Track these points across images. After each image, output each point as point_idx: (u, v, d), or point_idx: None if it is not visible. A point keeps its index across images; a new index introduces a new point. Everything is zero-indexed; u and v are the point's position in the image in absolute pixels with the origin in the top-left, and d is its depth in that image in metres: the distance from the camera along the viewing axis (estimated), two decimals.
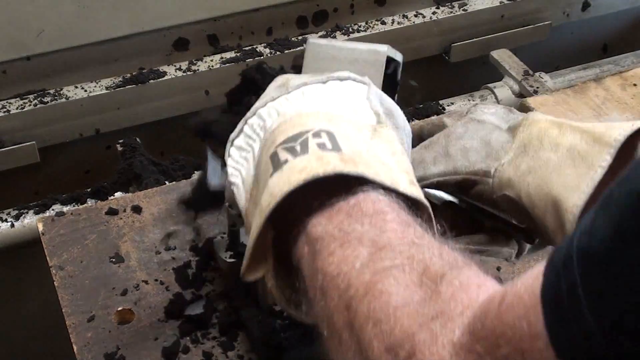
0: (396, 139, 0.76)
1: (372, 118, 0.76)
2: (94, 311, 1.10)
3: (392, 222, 0.66)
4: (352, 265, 0.63)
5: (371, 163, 0.70)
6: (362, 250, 0.64)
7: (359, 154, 0.70)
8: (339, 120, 0.73)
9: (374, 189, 0.69)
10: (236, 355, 1.04)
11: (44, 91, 1.49)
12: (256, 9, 1.62)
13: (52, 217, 1.25)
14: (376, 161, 0.71)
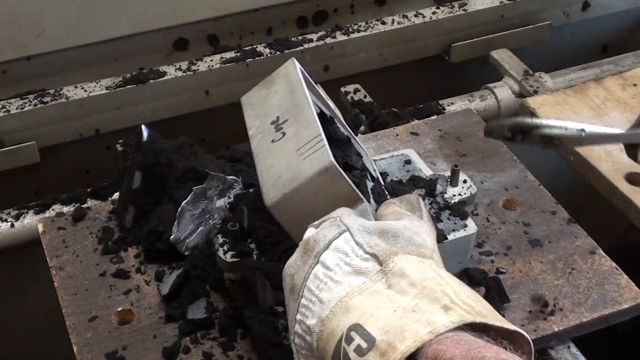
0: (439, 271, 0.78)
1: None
2: (94, 311, 1.10)
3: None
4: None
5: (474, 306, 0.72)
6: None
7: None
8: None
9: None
10: (236, 356, 1.05)
11: (44, 91, 1.49)
12: (256, 9, 1.62)
13: (52, 217, 1.25)
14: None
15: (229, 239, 1.06)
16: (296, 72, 1.03)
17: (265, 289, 1.03)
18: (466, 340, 0.68)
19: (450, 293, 0.72)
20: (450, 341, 0.67)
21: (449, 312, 0.70)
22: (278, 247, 1.03)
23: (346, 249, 0.78)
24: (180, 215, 1.12)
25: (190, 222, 1.13)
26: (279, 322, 0.98)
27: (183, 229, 1.13)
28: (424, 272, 0.75)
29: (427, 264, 0.77)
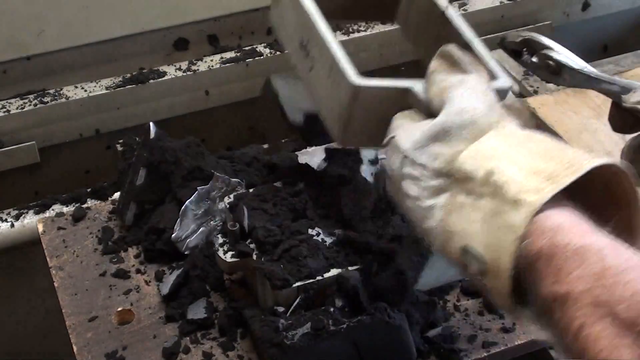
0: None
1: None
2: (94, 311, 1.10)
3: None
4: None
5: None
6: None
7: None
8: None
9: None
10: (236, 356, 1.05)
11: (44, 91, 1.49)
12: (256, 9, 1.62)
13: (52, 217, 1.25)
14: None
15: (229, 239, 1.06)
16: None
17: (265, 289, 1.03)
18: (545, 221, 0.66)
19: (515, 177, 0.69)
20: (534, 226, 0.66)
21: (519, 206, 0.67)
22: (278, 247, 1.03)
23: (416, 174, 0.76)
24: (183, 214, 1.12)
25: (193, 221, 1.13)
26: (280, 322, 0.98)
27: (185, 228, 1.13)
28: (487, 163, 0.71)
29: (487, 146, 0.73)
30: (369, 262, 1.03)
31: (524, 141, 0.73)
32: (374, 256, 1.03)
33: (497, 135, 0.74)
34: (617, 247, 0.64)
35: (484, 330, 1.09)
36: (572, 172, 0.67)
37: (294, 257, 1.02)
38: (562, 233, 0.65)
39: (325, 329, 0.97)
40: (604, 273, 0.61)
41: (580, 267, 0.63)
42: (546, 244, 0.65)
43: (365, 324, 0.98)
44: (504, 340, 1.08)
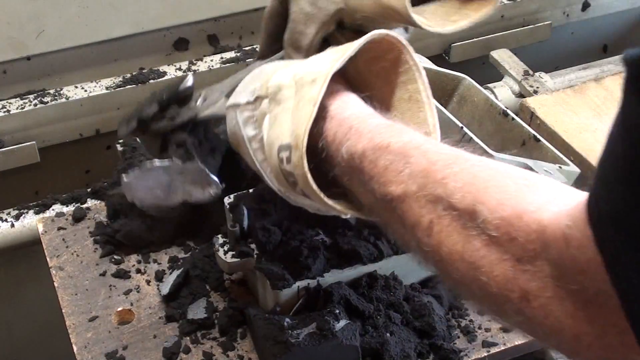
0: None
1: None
2: (94, 311, 1.10)
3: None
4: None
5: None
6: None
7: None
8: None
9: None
10: (236, 355, 1.05)
11: (44, 91, 1.49)
12: (256, 9, 1.62)
13: (52, 217, 1.25)
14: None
15: (229, 239, 1.06)
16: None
17: (265, 289, 1.03)
18: (363, 125, 0.74)
19: (313, 68, 0.79)
20: (351, 130, 0.74)
21: (316, 82, 0.76)
22: (278, 248, 1.03)
23: (247, 114, 0.85)
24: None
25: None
26: (285, 321, 0.98)
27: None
28: (292, 72, 0.81)
29: (292, 64, 0.85)
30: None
31: (322, 53, 0.84)
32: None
33: (292, 61, 0.89)
34: (433, 142, 0.73)
35: (483, 330, 1.10)
36: (351, 47, 0.78)
37: (294, 258, 1.02)
38: (380, 133, 0.73)
39: (330, 330, 0.97)
40: (431, 169, 0.67)
41: (408, 166, 0.69)
42: (369, 145, 0.72)
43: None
44: (504, 340, 1.08)
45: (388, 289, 1.06)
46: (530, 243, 0.59)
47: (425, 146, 0.70)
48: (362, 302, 1.03)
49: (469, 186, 0.64)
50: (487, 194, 0.62)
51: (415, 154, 0.69)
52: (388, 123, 0.75)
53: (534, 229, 0.58)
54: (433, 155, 0.68)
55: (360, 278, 1.06)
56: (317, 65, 0.79)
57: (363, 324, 1.03)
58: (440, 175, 0.66)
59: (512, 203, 0.61)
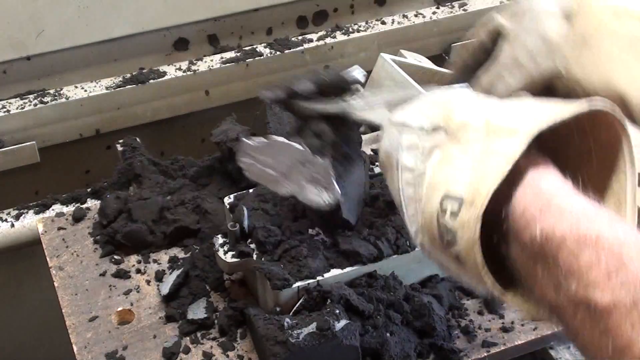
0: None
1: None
2: (94, 311, 1.10)
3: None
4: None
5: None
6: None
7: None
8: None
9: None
10: (236, 355, 1.05)
11: (44, 91, 1.49)
12: (256, 9, 1.62)
13: (52, 217, 1.25)
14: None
15: (229, 239, 1.06)
16: (397, 71, 1.06)
17: (265, 289, 1.03)
18: (565, 204, 0.62)
19: (513, 116, 0.67)
20: (550, 208, 0.62)
21: (515, 135, 0.65)
22: (278, 248, 1.03)
23: (414, 140, 0.74)
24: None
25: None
26: (285, 321, 0.98)
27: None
28: (484, 112, 0.70)
29: (486, 101, 0.73)
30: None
31: (522, 100, 0.73)
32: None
33: (485, 98, 0.75)
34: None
35: (483, 330, 1.10)
36: (566, 110, 0.66)
37: (294, 258, 1.02)
38: (587, 218, 0.60)
39: (330, 330, 0.97)
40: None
41: (622, 271, 0.57)
42: (571, 232, 0.60)
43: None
44: (504, 340, 1.08)
45: (388, 289, 1.06)
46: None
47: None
48: (362, 302, 1.03)
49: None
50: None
51: (632, 257, 0.58)
52: (596, 208, 0.63)
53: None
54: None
55: (360, 278, 1.06)
56: (517, 115, 0.68)
57: (363, 324, 1.03)
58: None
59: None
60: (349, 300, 1.02)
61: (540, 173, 0.65)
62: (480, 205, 0.63)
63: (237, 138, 1.21)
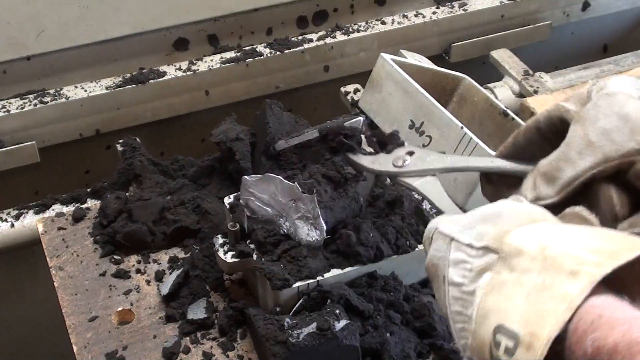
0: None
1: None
2: (94, 311, 1.10)
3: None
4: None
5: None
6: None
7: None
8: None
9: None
10: (236, 355, 1.05)
11: (44, 91, 1.49)
12: (256, 9, 1.62)
13: (52, 217, 1.25)
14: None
15: (229, 239, 1.06)
16: (397, 71, 1.07)
17: (265, 289, 1.03)
18: (617, 314, 0.60)
19: (573, 252, 0.64)
20: (601, 319, 0.60)
21: (578, 277, 0.62)
22: (278, 248, 1.03)
23: (462, 257, 0.72)
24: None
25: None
26: (285, 321, 0.98)
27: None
28: (540, 239, 0.67)
29: (541, 226, 0.70)
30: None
31: (579, 228, 0.69)
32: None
33: (549, 222, 0.71)
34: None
35: None
36: (633, 249, 0.62)
37: (294, 258, 1.02)
38: (637, 325, 0.59)
39: (330, 330, 0.97)
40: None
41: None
42: (624, 339, 0.58)
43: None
44: None
45: (388, 289, 1.06)
46: None
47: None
48: (362, 302, 1.03)
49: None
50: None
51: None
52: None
53: None
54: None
55: (360, 278, 1.06)
56: (579, 252, 0.64)
57: (363, 324, 1.03)
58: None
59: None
60: (349, 300, 1.02)
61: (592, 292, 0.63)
62: (539, 353, 0.61)
63: (237, 138, 1.21)
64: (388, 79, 1.12)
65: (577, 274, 0.62)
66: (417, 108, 1.08)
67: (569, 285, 0.62)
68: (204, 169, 1.28)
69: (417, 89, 1.08)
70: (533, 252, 0.66)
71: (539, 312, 0.63)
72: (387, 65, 1.12)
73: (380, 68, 1.13)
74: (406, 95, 1.09)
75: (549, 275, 0.64)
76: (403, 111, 1.10)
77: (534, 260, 0.65)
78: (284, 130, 1.16)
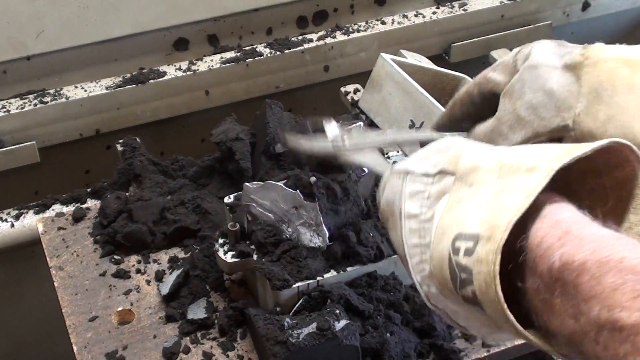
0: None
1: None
2: (94, 311, 1.10)
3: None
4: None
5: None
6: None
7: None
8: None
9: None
10: (236, 355, 1.05)
11: (44, 91, 1.49)
12: (256, 9, 1.62)
13: (52, 217, 1.25)
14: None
15: (229, 239, 1.06)
16: (397, 71, 1.07)
17: (265, 289, 1.03)
18: (585, 231, 0.61)
19: (529, 156, 0.66)
20: (569, 235, 0.61)
21: (534, 172, 0.64)
22: (278, 248, 1.03)
23: (418, 188, 0.74)
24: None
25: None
26: (285, 321, 0.98)
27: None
28: (495, 154, 0.70)
29: (493, 147, 0.73)
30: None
31: (528, 145, 0.72)
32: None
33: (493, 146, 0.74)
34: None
35: None
36: (582, 148, 0.64)
37: (293, 258, 1.02)
38: (609, 243, 0.59)
39: (330, 330, 0.97)
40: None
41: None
42: (593, 257, 0.58)
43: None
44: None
45: (388, 289, 1.06)
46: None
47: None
48: (362, 302, 1.03)
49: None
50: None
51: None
52: (617, 234, 0.61)
53: None
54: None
55: (360, 278, 1.06)
56: (533, 155, 0.66)
57: (363, 324, 1.03)
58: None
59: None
60: (349, 300, 1.02)
61: (557, 206, 0.64)
62: (500, 239, 0.62)
63: (237, 138, 1.21)
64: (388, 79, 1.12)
65: (534, 169, 0.64)
66: (417, 108, 1.08)
67: (527, 179, 0.63)
68: (204, 169, 1.29)
69: (417, 89, 1.08)
70: (489, 165, 0.68)
71: (498, 209, 0.63)
72: (387, 65, 1.12)
73: (380, 68, 1.14)
74: (406, 95, 1.09)
75: (506, 180, 0.65)
76: (403, 111, 1.10)
77: (491, 172, 0.67)
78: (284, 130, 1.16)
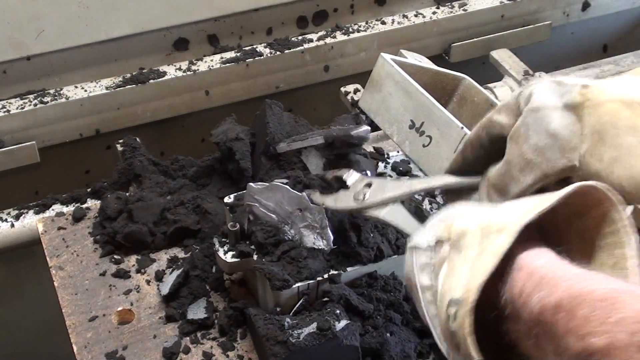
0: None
1: None
2: (94, 311, 1.10)
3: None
4: None
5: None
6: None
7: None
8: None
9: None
10: (236, 355, 1.05)
11: (44, 91, 1.49)
12: (256, 9, 1.62)
13: (52, 217, 1.25)
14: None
15: (229, 239, 1.06)
16: (397, 71, 1.08)
17: (265, 289, 1.03)
18: (559, 272, 0.65)
19: (500, 217, 0.71)
20: (544, 279, 0.64)
21: (502, 232, 0.69)
22: (278, 248, 1.03)
23: (425, 261, 0.78)
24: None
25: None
26: (285, 321, 0.98)
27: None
28: (477, 216, 0.74)
29: (481, 208, 0.78)
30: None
31: (514, 201, 0.77)
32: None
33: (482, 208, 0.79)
34: (636, 291, 0.61)
35: None
36: (549, 199, 0.69)
37: (293, 258, 1.02)
38: (581, 279, 0.62)
39: (331, 330, 0.97)
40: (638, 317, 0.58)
41: (615, 312, 0.58)
42: (565, 294, 0.62)
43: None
44: None
45: (388, 289, 1.06)
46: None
47: (629, 294, 0.59)
48: (362, 302, 1.03)
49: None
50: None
51: (626, 298, 0.59)
52: (590, 272, 0.64)
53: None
54: (637, 304, 0.58)
55: (360, 278, 1.06)
56: (507, 214, 0.71)
57: (363, 324, 1.03)
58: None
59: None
60: (349, 301, 1.02)
61: (533, 255, 0.68)
62: (470, 302, 0.66)
63: (237, 138, 1.21)
64: (388, 79, 1.12)
65: (502, 230, 0.69)
66: (417, 108, 1.08)
67: (497, 240, 0.69)
68: (204, 169, 1.29)
69: (417, 89, 1.08)
70: (474, 228, 0.73)
71: (474, 272, 0.69)
72: (387, 65, 1.12)
73: (380, 68, 1.13)
74: (406, 95, 1.09)
75: (484, 242, 0.71)
76: (403, 111, 1.10)
77: (474, 236, 0.72)
78: (284, 130, 1.16)
